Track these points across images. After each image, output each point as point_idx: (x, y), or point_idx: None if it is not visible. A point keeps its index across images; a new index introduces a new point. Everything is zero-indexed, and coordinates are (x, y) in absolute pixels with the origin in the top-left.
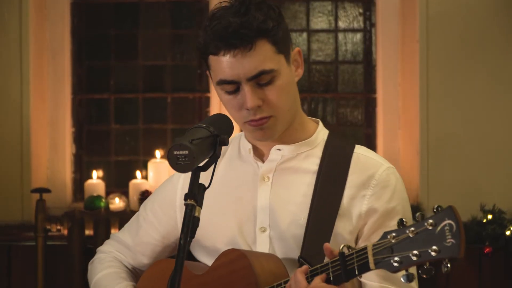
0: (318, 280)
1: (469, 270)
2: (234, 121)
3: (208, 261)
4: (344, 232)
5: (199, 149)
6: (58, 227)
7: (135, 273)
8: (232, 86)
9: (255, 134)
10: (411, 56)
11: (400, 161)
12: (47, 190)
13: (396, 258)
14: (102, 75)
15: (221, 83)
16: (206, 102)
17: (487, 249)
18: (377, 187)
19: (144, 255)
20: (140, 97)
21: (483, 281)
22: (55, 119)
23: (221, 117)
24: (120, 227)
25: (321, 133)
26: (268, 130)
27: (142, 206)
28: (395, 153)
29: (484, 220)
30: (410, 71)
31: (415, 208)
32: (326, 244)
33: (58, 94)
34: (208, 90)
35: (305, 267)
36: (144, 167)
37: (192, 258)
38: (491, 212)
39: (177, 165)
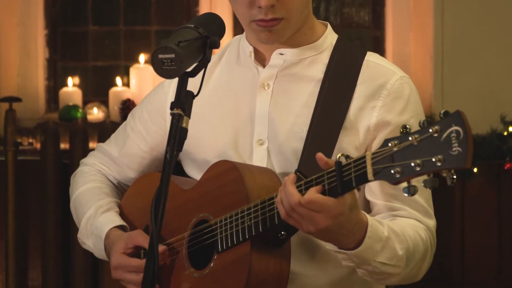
0: (313, 191)
1: (487, 188)
2: (240, 19)
3: (199, 176)
4: (349, 147)
5: (187, 52)
6: (30, 140)
7: (120, 189)
8: None
9: (261, 35)
10: None
11: (412, 67)
12: (18, 99)
13: (397, 168)
14: None
15: None
16: (195, 0)
17: (508, 165)
18: (389, 97)
19: (131, 168)
20: None
21: (502, 199)
22: (26, 20)
23: (211, 16)
24: (99, 139)
25: (329, 37)
26: (275, 33)
27: (130, 114)
28: (406, 58)
29: (505, 133)
30: None
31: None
32: (319, 154)
33: None
34: None
35: (292, 175)
36: (125, 73)
37: (183, 173)
38: None
39: (162, 70)
